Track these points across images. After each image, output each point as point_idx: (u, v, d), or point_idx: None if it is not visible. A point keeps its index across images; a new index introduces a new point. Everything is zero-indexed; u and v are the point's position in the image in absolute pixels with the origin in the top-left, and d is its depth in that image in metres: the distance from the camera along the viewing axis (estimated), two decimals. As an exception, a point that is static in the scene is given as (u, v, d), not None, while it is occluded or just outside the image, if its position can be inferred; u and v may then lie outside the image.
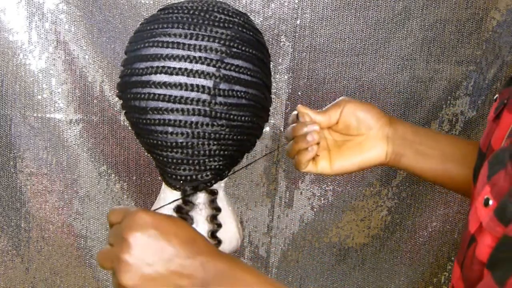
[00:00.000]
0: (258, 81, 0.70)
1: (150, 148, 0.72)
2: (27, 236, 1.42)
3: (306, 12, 1.33)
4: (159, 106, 0.67)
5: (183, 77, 0.66)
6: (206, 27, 0.67)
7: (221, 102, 0.66)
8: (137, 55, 0.69)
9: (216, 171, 0.72)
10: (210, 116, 0.66)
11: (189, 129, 0.67)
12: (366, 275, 1.51)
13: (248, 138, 0.72)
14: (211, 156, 0.69)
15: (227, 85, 0.67)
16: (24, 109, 1.34)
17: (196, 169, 0.70)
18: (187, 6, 0.69)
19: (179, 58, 0.66)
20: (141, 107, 0.68)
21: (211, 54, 0.66)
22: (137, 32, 0.72)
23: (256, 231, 1.46)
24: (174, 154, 0.69)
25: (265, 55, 0.73)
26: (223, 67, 0.66)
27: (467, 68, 1.39)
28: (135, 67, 0.68)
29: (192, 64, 0.66)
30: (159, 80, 0.66)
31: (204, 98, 0.66)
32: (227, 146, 0.70)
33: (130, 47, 0.71)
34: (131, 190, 1.41)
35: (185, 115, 0.66)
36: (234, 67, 0.67)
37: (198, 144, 0.68)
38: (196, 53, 0.66)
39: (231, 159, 0.72)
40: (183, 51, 0.66)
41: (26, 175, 1.38)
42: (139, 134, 0.72)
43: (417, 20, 1.35)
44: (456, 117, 1.42)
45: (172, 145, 0.68)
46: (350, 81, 1.37)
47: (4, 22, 1.29)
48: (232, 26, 0.68)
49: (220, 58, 0.66)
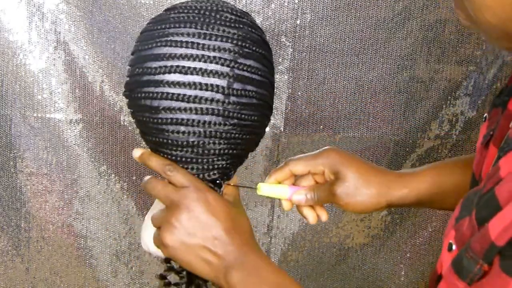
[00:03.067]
0: (266, 80, 0.70)
1: (158, 147, 0.71)
2: (27, 236, 1.42)
3: (306, 12, 1.33)
4: (172, 106, 0.67)
5: (198, 77, 0.66)
6: (219, 27, 0.67)
7: (234, 101, 0.67)
8: (148, 55, 0.68)
9: (222, 170, 0.72)
10: (223, 115, 0.67)
11: (201, 128, 0.67)
12: (366, 275, 1.51)
13: (254, 137, 0.73)
14: (219, 155, 0.70)
15: (240, 84, 0.67)
16: (24, 109, 1.34)
17: (204, 168, 0.70)
18: (196, 6, 0.69)
19: (193, 58, 0.66)
20: (153, 106, 0.68)
21: (225, 54, 0.66)
22: (145, 32, 0.71)
23: (256, 231, 1.46)
24: (184, 153, 0.69)
25: (270, 54, 0.74)
26: (236, 67, 0.67)
27: (467, 68, 1.39)
28: (147, 66, 0.68)
29: (207, 63, 0.66)
30: (173, 80, 0.66)
31: (218, 97, 0.66)
32: (236, 145, 0.70)
33: (139, 46, 0.71)
34: (131, 190, 1.41)
35: (199, 115, 0.67)
36: (246, 67, 0.67)
37: (209, 143, 0.68)
38: (210, 53, 0.66)
39: (237, 158, 0.73)
40: (197, 50, 0.66)
41: (26, 175, 1.38)
42: (148, 133, 0.71)
43: (417, 20, 1.35)
44: (456, 117, 1.42)
45: (183, 144, 0.68)
46: (350, 81, 1.37)
47: (4, 22, 1.29)
48: (242, 26, 0.68)
49: (233, 58, 0.66)
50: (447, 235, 0.53)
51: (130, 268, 1.47)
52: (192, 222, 0.65)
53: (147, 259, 1.46)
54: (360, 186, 0.77)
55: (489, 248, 0.46)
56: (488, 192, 0.48)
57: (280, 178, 0.81)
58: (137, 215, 1.43)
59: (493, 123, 0.62)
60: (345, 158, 0.79)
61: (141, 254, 1.46)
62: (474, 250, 0.47)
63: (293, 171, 0.80)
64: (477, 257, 0.47)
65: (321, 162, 0.79)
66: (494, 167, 0.50)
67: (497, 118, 0.61)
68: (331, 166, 0.78)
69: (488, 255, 0.46)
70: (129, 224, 1.44)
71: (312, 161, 0.79)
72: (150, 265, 1.47)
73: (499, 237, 0.45)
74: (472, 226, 0.49)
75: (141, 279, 1.48)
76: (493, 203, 0.47)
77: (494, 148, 0.59)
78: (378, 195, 0.78)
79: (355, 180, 0.77)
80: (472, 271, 0.47)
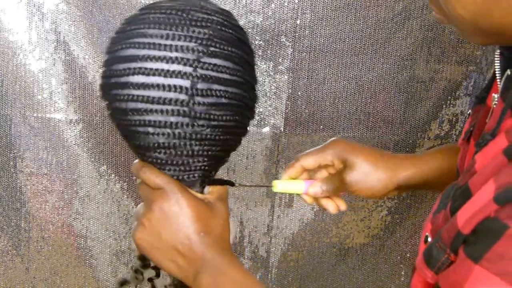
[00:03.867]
0: (239, 79, 0.69)
1: (136, 150, 0.72)
2: (27, 236, 1.42)
3: (306, 12, 1.33)
4: (138, 107, 0.66)
5: (160, 78, 0.65)
6: (183, 27, 0.66)
7: (199, 102, 0.66)
8: (115, 57, 0.68)
9: (202, 171, 0.71)
10: (190, 116, 0.66)
11: (169, 130, 0.67)
12: (366, 275, 1.51)
13: (232, 137, 0.72)
14: (194, 156, 0.69)
15: (205, 84, 0.66)
16: (24, 109, 1.34)
17: (181, 170, 0.70)
18: (165, 5, 0.68)
19: (155, 59, 0.65)
20: (121, 108, 0.68)
21: (187, 54, 0.65)
22: (117, 33, 0.71)
23: (256, 231, 1.46)
24: (157, 155, 0.69)
25: (247, 52, 0.72)
26: (200, 67, 0.66)
27: (467, 68, 1.39)
28: (113, 68, 0.68)
29: (169, 64, 0.65)
30: (137, 81, 0.66)
31: (182, 98, 0.65)
32: (210, 146, 0.69)
33: (110, 48, 0.70)
34: (131, 190, 1.41)
35: (165, 116, 0.66)
36: (212, 66, 0.66)
37: (180, 145, 0.68)
38: (172, 54, 0.65)
39: (215, 159, 0.72)
40: (160, 51, 0.65)
41: (26, 175, 1.38)
42: (123, 135, 0.72)
43: (417, 20, 1.35)
44: (456, 117, 1.42)
45: (154, 146, 0.68)
46: (350, 81, 1.37)
47: (4, 22, 1.29)
48: (210, 25, 0.67)
49: (197, 57, 0.66)
50: (424, 228, 0.55)
51: (130, 268, 1.47)
52: (161, 223, 0.66)
53: (147, 259, 1.47)
54: (368, 171, 0.81)
55: (456, 236, 0.46)
56: (464, 185, 0.49)
57: (293, 174, 0.84)
58: (137, 215, 1.43)
59: (475, 119, 0.63)
60: (351, 147, 0.82)
61: (141, 254, 1.46)
62: (443, 240, 0.48)
63: (304, 166, 0.84)
64: (445, 246, 0.48)
65: (329, 153, 0.82)
66: (471, 161, 0.51)
67: (479, 114, 0.63)
68: (339, 155, 0.82)
69: (454, 244, 0.47)
70: (129, 224, 1.44)
71: (320, 153, 0.83)
72: (150, 265, 1.47)
73: (465, 225, 0.45)
74: (446, 217, 0.50)
75: (141, 279, 1.48)
76: (466, 194, 0.48)
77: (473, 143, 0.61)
78: (386, 179, 0.81)
79: (363, 167, 0.81)
80: (440, 259, 0.49)
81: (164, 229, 0.66)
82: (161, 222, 0.66)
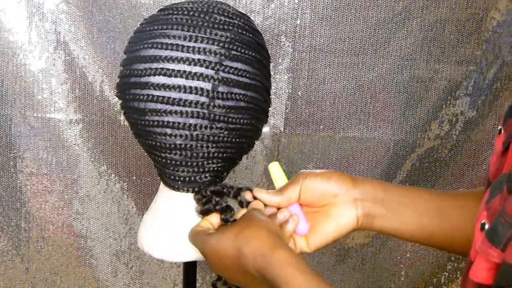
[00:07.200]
0: (257, 83, 0.70)
1: (149, 149, 0.72)
2: (27, 236, 1.42)
3: (306, 12, 1.33)
4: (158, 108, 0.66)
5: (182, 79, 0.66)
6: (206, 29, 0.66)
7: (219, 104, 0.66)
8: (136, 56, 0.68)
9: (214, 173, 0.72)
10: (209, 118, 0.66)
11: (187, 131, 0.67)
12: (366, 275, 1.51)
13: (247, 140, 0.72)
14: (209, 158, 0.69)
15: (226, 87, 0.66)
16: (24, 109, 1.34)
17: (195, 171, 0.70)
18: (187, 7, 0.69)
19: (177, 60, 0.66)
20: (139, 108, 0.68)
21: (209, 57, 0.66)
22: (136, 33, 0.71)
23: (256, 231, 1.46)
24: (172, 156, 0.69)
25: (265, 57, 0.72)
26: (221, 70, 0.66)
27: (467, 68, 1.39)
28: (134, 68, 0.68)
29: (191, 66, 0.65)
30: (158, 82, 0.66)
31: (203, 100, 0.66)
32: (226, 149, 0.70)
33: (129, 47, 0.71)
34: (131, 190, 1.41)
35: (184, 117, 0.66)
36: (233, 70, 0.67)
37: (196, 146, 0.68)
38: (195, 56, 0.65)
39: (229, 161, 0.72)
40: (182, 53, 0.66)
41: (26, 175, 1.38)
42: (138, 134, 0.72)
43: (417, 20, 1.35)
44: (456, 117, 1.42)
45: (170, 147, 0.68)
46: (350, 81, 1.37)
47: (4, 22, 1.29)
48: (232, 28, 0.68)
49: (219, 60, 0.66)
50: (478, 218, 0.53)
51: (130, 268, 1.47)
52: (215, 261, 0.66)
53: (147, 259, 1.46)
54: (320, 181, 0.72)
55: None
56: None
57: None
58: (137, 215, 1.43)
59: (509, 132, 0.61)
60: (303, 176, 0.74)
61: (141, 254, 1.46)
62: (509, 213, 0.47)
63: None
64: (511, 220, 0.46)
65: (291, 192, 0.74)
66: None
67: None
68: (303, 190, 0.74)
69: None
70: (129, 224, 1.44)
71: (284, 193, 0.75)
72: (150, 265, 1.47)
73: None
74: (504, 198, 0.49)
75: (141, 279, 1.48)
76: None
77: None
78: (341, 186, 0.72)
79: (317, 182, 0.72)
80: (506, 235, 0.47)
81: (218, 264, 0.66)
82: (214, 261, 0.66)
